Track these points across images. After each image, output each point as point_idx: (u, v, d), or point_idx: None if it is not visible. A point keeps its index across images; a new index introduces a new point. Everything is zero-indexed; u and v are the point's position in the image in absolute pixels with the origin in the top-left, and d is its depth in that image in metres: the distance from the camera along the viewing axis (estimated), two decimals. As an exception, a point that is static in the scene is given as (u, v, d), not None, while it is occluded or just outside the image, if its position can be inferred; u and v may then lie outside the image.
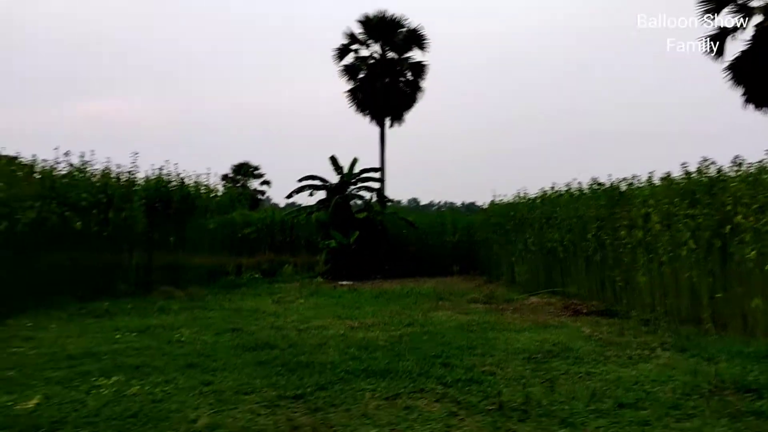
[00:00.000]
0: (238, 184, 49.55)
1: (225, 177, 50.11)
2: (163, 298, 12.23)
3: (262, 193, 52.89)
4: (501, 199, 18.51)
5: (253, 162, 53.06)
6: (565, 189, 14.03)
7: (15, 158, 12.01)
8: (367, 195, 21.79)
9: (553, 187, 14.70)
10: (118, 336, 8.18)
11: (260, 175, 53.39)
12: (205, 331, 8.64)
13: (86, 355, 6.93)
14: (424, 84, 27.65)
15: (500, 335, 8.28)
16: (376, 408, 4.99)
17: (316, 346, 7.54)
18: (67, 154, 13.02)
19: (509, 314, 10.57)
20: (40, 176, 12.10)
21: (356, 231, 19.41)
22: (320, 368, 6.30)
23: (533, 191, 15.86)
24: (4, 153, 12.08)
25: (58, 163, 12.80)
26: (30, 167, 12.08)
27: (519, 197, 16.62)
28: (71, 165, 13.00)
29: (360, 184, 21.62)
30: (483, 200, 24.21)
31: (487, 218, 19.23)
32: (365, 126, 27.90)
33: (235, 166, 52.27)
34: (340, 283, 16.97)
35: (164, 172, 15.12)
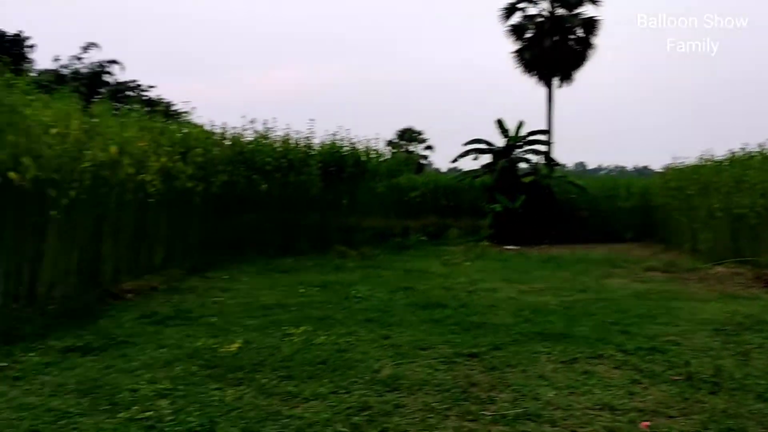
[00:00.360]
0: (402, 149, 50.51)
1: (390, 142, 51.30)
2: (339, 256, 12.95)
3: (425, 157, 53.59)
4: (681, 162, 17.21)
5: (417, 127, 53.86)
6: (758, 150, 12.74)
7: (206, 126, 13.20)
8: (533, 158, 21.31)
9: (743, 149, 13.41)
10: (302, 290, 8.83)
11: (423, 140, 54.11)
12: (379, 288, 9.05)
13: (277, 306, 7.59)
14: (596, 41, 26.19)
15: (683, 305, 7.83)
16: (553, 371, 4.99)
17: (487, 307, 7.63)
18: (252, 121, 14.12)
19: (692, 284, 9.94)
20: (230, 143, 13.21)
21: (522, 195, 19.07)
22: (493, 329, 6.39)
23: (719, 153, 14.58)
24: (198, 121, 13.32)
25: (244, 130, 13.93)
26: (221, 134, 13.24)
27: (703, 159, 15.36)
28: (256, 132, 14.07)
29: (526, 148, 21.17)
30: (658, 163, 22.70)
31: (665, 182, 17.98)
32: (531, 87, 27.12)
33: (399, 131, 53.34)
34: (505, 247, 16.85)
35: (337, 137, 15.85)
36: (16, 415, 3.96)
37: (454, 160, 21.91)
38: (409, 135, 53.50)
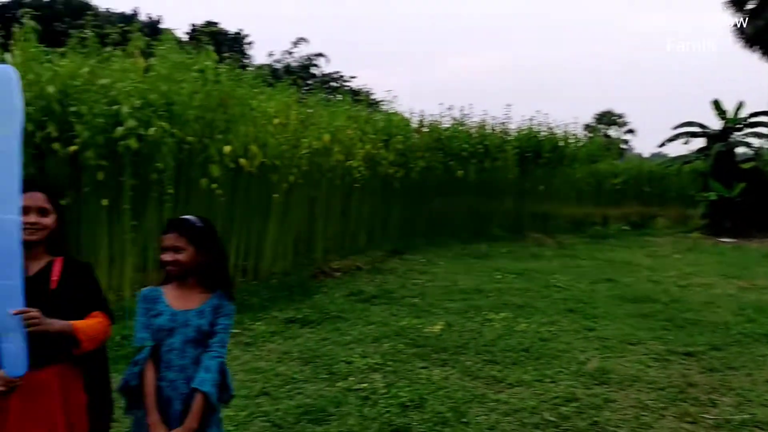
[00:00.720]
0: (601, 134, 48.06)
1: (587, 126, 49.05)
2: (534, 244, 12.74)
3: (626, 142, 50.46)
4: None
5: (617, 110, 50.93)
6: None
7: (405, 114, 13.63)
8: (755, 142, 19.17)
9: None
10: (498, 276, 8.84)
11: (624, 124, 51.03)
12: (580, 278, 8.77)
13: (475, 291, 7.68)
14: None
15: None
16: (785, 377, 4.52)
17: (702, 303, 7.09)
18: (449, 108, 14.34)
19: None
20: (428, 130, 13.53)
21: (741, 182, 17.28)
22: (711, 327, 5.94)
23: None
24: (398, 109, 13.79)
25: (442, 117, 14.18)
26: (420, 122, 13.62)
27: None
28: (453, 119, 14.27)
29: (747, 131, 19.12)
30: None
31: None
32: (754, 65, 24.39)
33: (598, 114, 50.79)
34: (720, 239, 15.41)
35: (534, 122, 15.55)
36: (249, 378, 4.45)
37: (662, 145, 20.47)
38: (608, 119, 50.76)
